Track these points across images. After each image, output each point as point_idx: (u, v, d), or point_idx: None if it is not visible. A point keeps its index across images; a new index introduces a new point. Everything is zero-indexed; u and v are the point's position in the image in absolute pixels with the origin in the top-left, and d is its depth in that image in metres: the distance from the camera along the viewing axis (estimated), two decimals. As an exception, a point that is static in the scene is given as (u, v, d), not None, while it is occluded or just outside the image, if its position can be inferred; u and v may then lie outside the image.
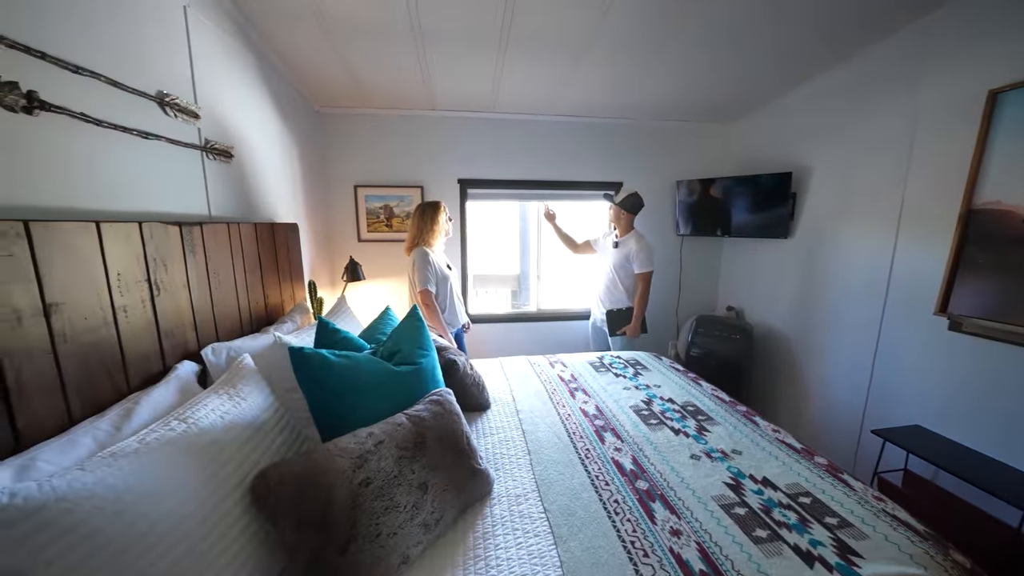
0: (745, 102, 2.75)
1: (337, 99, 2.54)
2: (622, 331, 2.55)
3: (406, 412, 1.05)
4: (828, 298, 2.37)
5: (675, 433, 1.42)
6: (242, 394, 1.00)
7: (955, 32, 1.71)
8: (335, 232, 2.82)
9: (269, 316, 1.72)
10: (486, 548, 0.92)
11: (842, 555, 0.89)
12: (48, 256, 0.80)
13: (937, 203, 1.78)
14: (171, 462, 0.72)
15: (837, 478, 1.16)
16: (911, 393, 1.92)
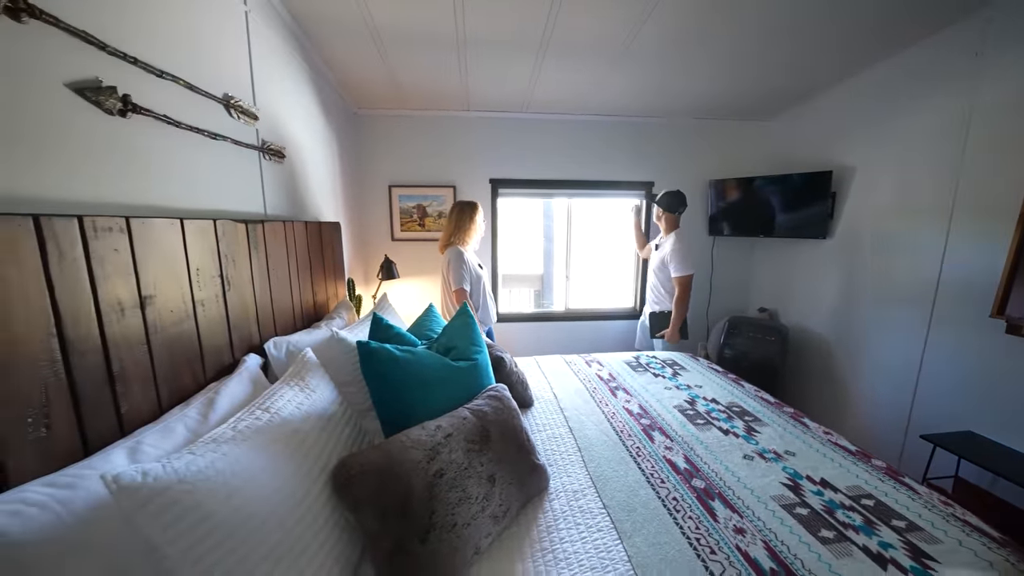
0: (781, 100, 2.70)
1: (375, 101, 2.59)
2: (661, 334, 2.52)
3: (468, 407, 1.07)
4: (871, 299, 2.32)
5: (724, 433, 1.41)
6: (311, 386, 1.04)
7: (1012, 23, 1.65)
8: (369, 231, 2.88)
9: (317, 312, 1.77)
10: (551, 541, 0.93)
11: (915, 558, 0.88)
12: (144, 251, 0.84)
13: (994, 200, 1.72)
14: (264, 450, 0.76)
15: (899, 481, 1.14)
16: (962, 398, 1.87)
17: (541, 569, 0.86)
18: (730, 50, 2.03)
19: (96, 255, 0.73)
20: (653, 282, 2.59)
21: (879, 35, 1.94)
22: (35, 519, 0.54)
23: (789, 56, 2.11)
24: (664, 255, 2.47)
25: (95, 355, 0.73)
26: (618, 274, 3.42)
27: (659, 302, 2.58)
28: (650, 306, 2.64)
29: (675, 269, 2.42)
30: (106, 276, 0.75)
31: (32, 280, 0.63)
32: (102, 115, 0.84)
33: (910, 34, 1.93)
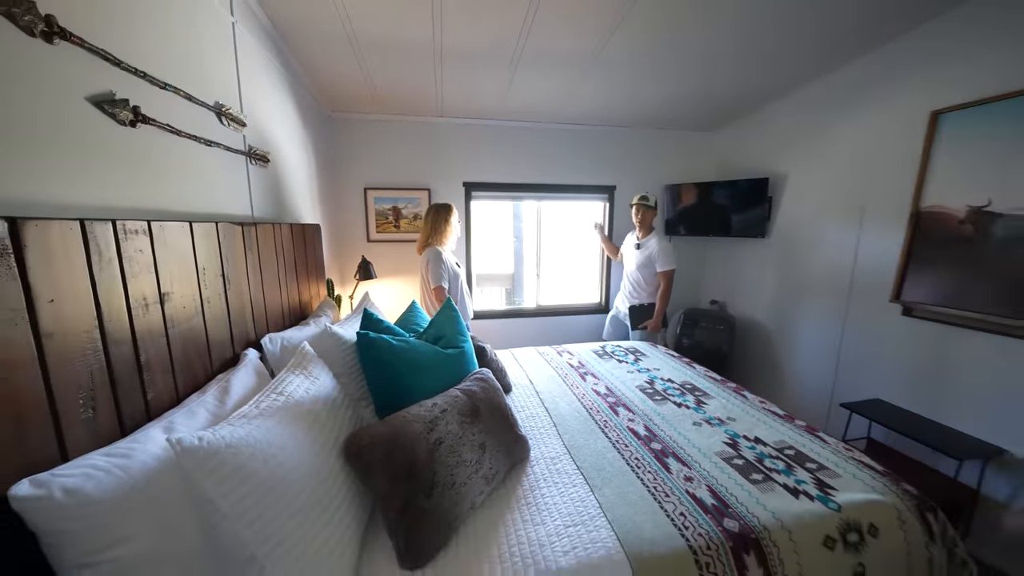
0: (727, 114, 3.01)
1: (350, 104, 2.65)
2: (643, 325, 2.74)
3: (458, 387, 1.21)
4: (801, 290, 2.65)
5: (677, 406, 1.63)
6: (314, 375, 1.14)
7: (906, 59, 1.99)
8: (346, 232, 2.92)
9: (302, 311, 1.84)
10: (535, 497, 1.09)
11: (820, 489, 1.11)
12: (161, 252, 0.92)
13: (892, 205, 2.06)
14: (287, 425, 0.86)
15: (815, 435, 1.39)
16: (872, 371, 2.21)
17: (527, 517, 1.02)
18: (682, 71, 2.29)
19: (126, 255, 0.81)
20: (635, 278, 2.78)
21: (808, 61, 2.25)
22: (104, 481, 0.63)
23: (732, 77, 2.39)
24: (650, 253, 2.68)
25: (127, 346, 0.81)
26: (585, 272, 3.64)
27: (638, 296, 2.79)
28: (628, 300, 2.84)
29: (661, 265, 2.64)
30: (134, 274, 0.83)
31: (80, 278, 0.71)
32: (116, 126, 0.91)
33: (832, 61, 2.25)
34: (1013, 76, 1.61)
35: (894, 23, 1.90)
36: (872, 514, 1.05)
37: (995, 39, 1.67)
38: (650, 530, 0.97)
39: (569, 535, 0.96)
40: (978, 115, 1.71)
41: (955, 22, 1.79)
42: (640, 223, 2.76)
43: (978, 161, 1.71)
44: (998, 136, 1.65)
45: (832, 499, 1.08)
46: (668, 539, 0.95)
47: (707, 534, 0.96)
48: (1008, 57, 1.63)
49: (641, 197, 2.72)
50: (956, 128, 1.78)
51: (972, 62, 1.74)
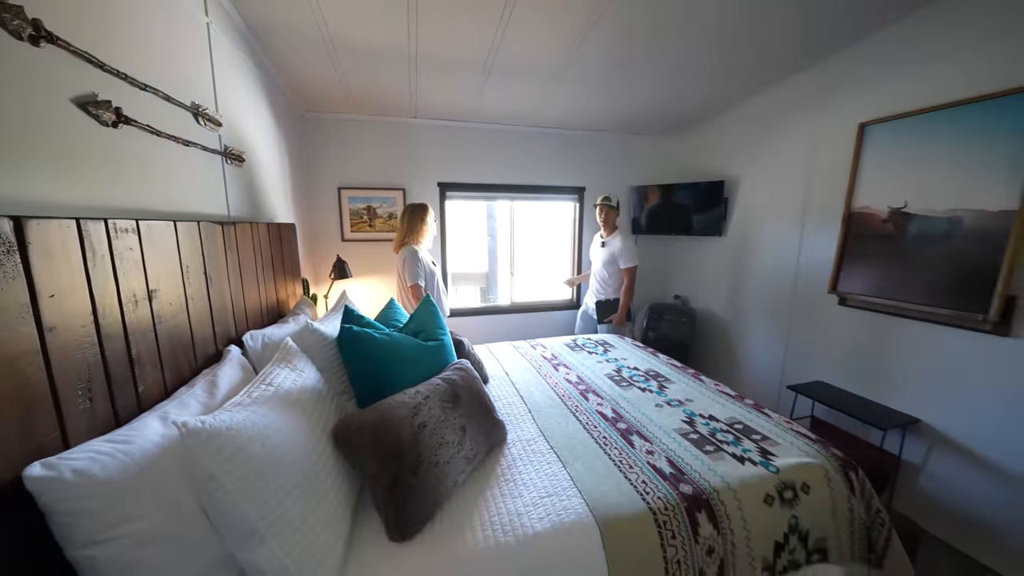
0: (688, 120, 3.21)
1: (323, 104, 2.65)
2: (609, 319, 2.88)
3: (439, 376, 1.28)
4: (754, 284, 2.88)
5: (642, 391, 1.77)
6: (299, 368, 1.18)
7: (838, 76, 2.22)
8: (320, 232, 2.92)
9: (280, 309, 1.85)
10: (512, 474, 1.19)
11: (763, 456, 1.27)
12: (149, 250, 0.95)
13: (829, 207, 2.29)
14: (279, 412, 0.92)
15: (761, 412, 1.56)
16: (815, 356, 2.44)
17: (506, 492, 1.11)
18: (642, 84, 2.44)
19: (118, 253, 0.84)
20: (602, 275, 2.93)
21: (756, 76, 2.46)
22: (108, 464, 0.67)
23: (689, 88, 2.57)
24: (614, 251, 2.83)
25: (119, 340, 0.84)
26: (557, 269, 3.77)
27: (604, 292, 2.94)
28: (595, 295, 2.98)
29: (624, 262, 2.79)
30: (125, 272, 0.86)
31: (77, 274, 0.74)
32: (99, 127, 0.93)
33: (776, 76, 2.47)
34: (921, 95, 1.85)
35: (826, 44, 2.12)
36: (804, 474, 1.21)
37: (908, 63, 1.91)
38: (615, 497, 1.09)
39: (544, 504, 1.06)
40: (896, 128, 1.95)
41: (877, 46, 2.02)
42: (604, 223, 2.91)
43: (897, 167, 1.95)
44: (912, 146, 1.89)
45: (772, 463, 1.23)
46: (631, 503, 1.07)
47: (665, 497, 1.09)
48: (918, 79, 1.87)
49: (604, 198, 2.87)
50: (879, 138, 2.02)
51: (891, 81, 1.98)
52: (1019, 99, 1.56)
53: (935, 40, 1.81)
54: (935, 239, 1.81)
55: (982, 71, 1.67)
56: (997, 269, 1.60)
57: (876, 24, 1.96)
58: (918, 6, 1.83)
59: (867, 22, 1.95)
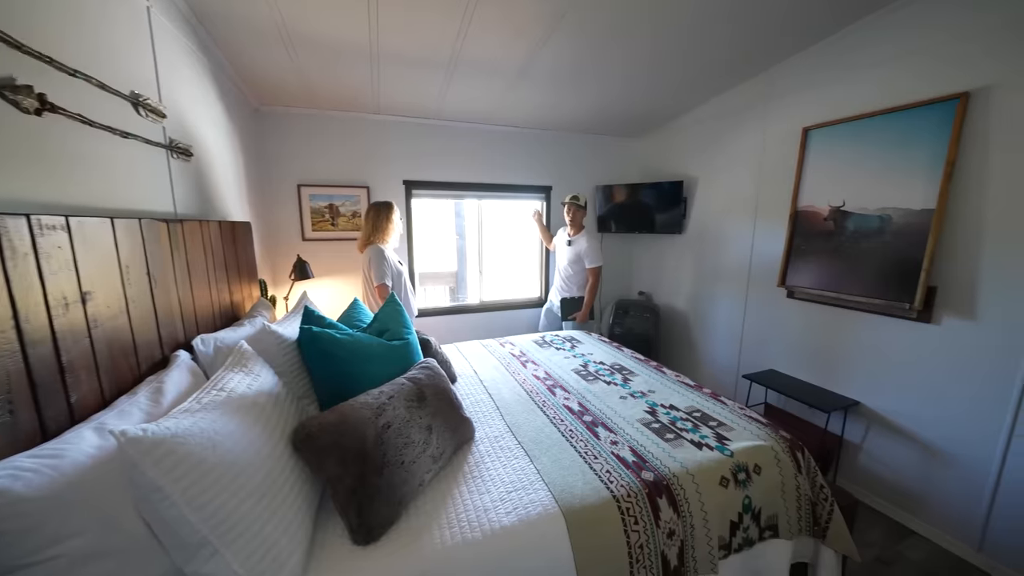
0: (648, 122, 3.32)
1: (280, 98, 2.54)
2: (573, 316, 2.93)
3: (404, 376, 1.26)
4: (711, 279, 3.02)
5: (607, 384, 1.81)
6: (255, 372, 1.13)
7: (785, 81, 2.37)
8: (279, 231, 2.79)
9: (234, 312, 1.76)
10: (480, 471, 1.19)
11: (719, 440, 1.34)
12: (82, 249, 0.88)
13: (777, 206, 2.44)
14: (232, 416, 0.87)
15: (717, 400, 1.64)
16: (768, 346, 2.60)
17: (473, 488, 1.11)
18: (606, 82, 2.50)
19: (43, 252, 0.78)
20: (567, 273, 2.97)
21: (707, 83, 2.58)
22: (33, 480, 0.62)
23: (653, 91, 2.66)
24: (579, 250, 2.88)
25: (46, 346, 0.78)
26: (525, 268, 3.80)
27: (569, 290, 2.99)
28: (560, 293, 3.03)
29: (590, 262, 2.84)
30: (52, 272, 0.80)
31: (-6, 274, 0.68)
32: (20, 114, 0.86)
33: (726, 83, 2.60)
34: (854, 103, 2.01)
35: (772, 53, 2.25)
36: (756, 456, 1.28)
37: (843, 74, 2.06)
38: (580, 487, 1.11)
39: (511, 499, 1.07)
40: (835, 132, 2.10)
41: (815, 57, 2.17)
42: (571, 221, 2.95)
43: (836, 168, 2.11)
44: (848, 149, 2.04)
45: (727, 447, 1.30)
46: (596, 492, 1.10)
47: (628, 485, 1.12)
48: (852, 88, 2.03)
49: (572, 197, 2.92)
50: (821, 142, 2.17)
51: (829, 89, 2.14)
52: (935, 109, 1.72)
53: (864, 54, 1.97)
54: (869, 235, 1.97)
55: (905, 83, 1.84)
56: (920, 262, 1.77)
57: (812, 39, 2.11)
58: (847, 23, 1.98)
59: (803, 38, 2.10)
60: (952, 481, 1.77)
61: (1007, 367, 1.59)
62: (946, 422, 1.78)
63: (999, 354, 1.61)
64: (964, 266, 1.69)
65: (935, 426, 1.82)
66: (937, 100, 1.72)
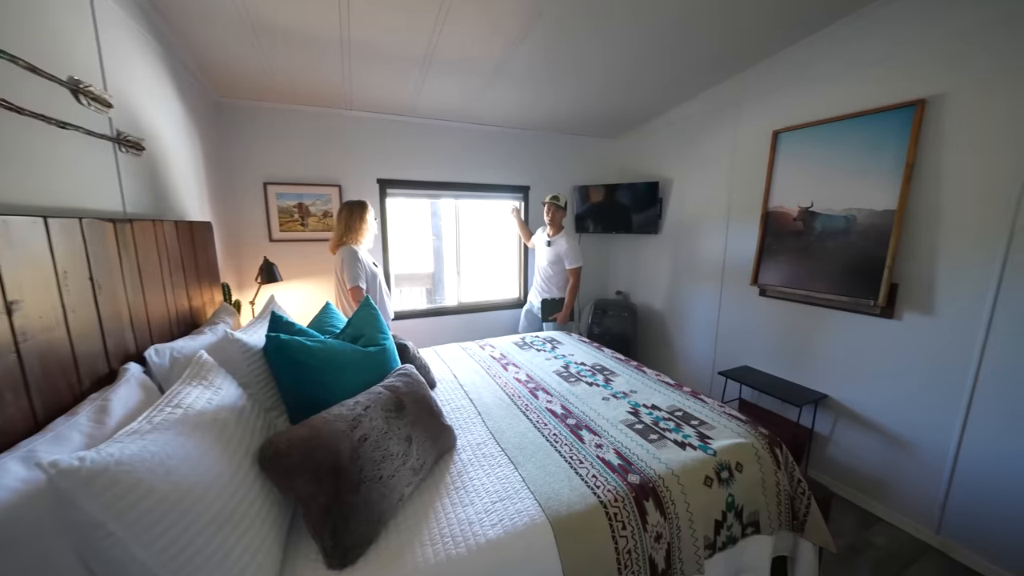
0: (624, 123, 3.35)
1: (244, 91, 2.40)
2: (553, 317, 2.90)
3: (381, 384, 1.20)
4: (687, 278, 3.08)
5: (589, 385, 1.80)
6: (216, 384, 1.04)
7: (755, 85, 2.44)
8: (243, 232, 2.64)
9: (194, 319, 1.63)
10: (463, 481, 1.14)
11: (701, 440, 1.34)
12: (7, 253, 0.78)
13: (749, 206, 2.50)
14: (189, 436, 0.79)
15: (697, 398, 1.66)
16: (742, 343, 2.66)
17: (456, 501, 1.07)
18: (581, 87, 2.50)
19: (-42, 256, 0.68)
20: (547, 274, 2.95)
21: (681, 86, 2.63)
22: (-57, 522, 0.53)
23: (629, 92, 2.68)
24: (559, 251, 2.86)
25: (-37, 364, 0.68)
26: (504, 268, 3.76)
27: (549, 291, 2.97)
28: (540, 294, 3.00)
29: (570, 262, 2.83)
30: (-30, 279, 0.70)
31: None
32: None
33: (699, 87, 2.65)
34: (821, 107, 2.09)
35: (743, 57, 2.31)
36: (738, 454, 1.29)
37: (810, 79, 2.13)
38: (567, 494, 1.09)
39: (496, 510, 1.03)
40: (803, 135, 2.17)
41: (783, 62, 2.24)
42: (551, 221, 2.94)
43: (805, 170, 2.18)
44: (816, 151, 2.11)
45: (709, 446, 1.31)
46: (582, 499, 1.07)
47: (615, 489, 1.10)
48: (820, 93, 2.10)
49: (552, 197, 2.90)
50: (790, 145, 2.24)
51: (797, 94, 2.21)
52: (896, 114, 1.80)
53: (829, 61, 2.05)
54: (835, 235, 2.05)
55: (867, 90, 1.91)
56: (883, 260, 1.85)
57: (779, 46, 2.18)
58: (813, 31, 2.05)
59: (771, 44, 2.17)
60: (913, 468, 1.86)
61: (961, 359, 1.68)
62: (907, 412, 1.87)
63: (954, 347, 1.70)
64: (922, 264, 1.78)
65: (898, 416, 1.90)
66: (897, 106, 1.80)
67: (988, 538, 1.65)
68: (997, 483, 1.61)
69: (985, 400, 1.63)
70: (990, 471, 1.63)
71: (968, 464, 1.69)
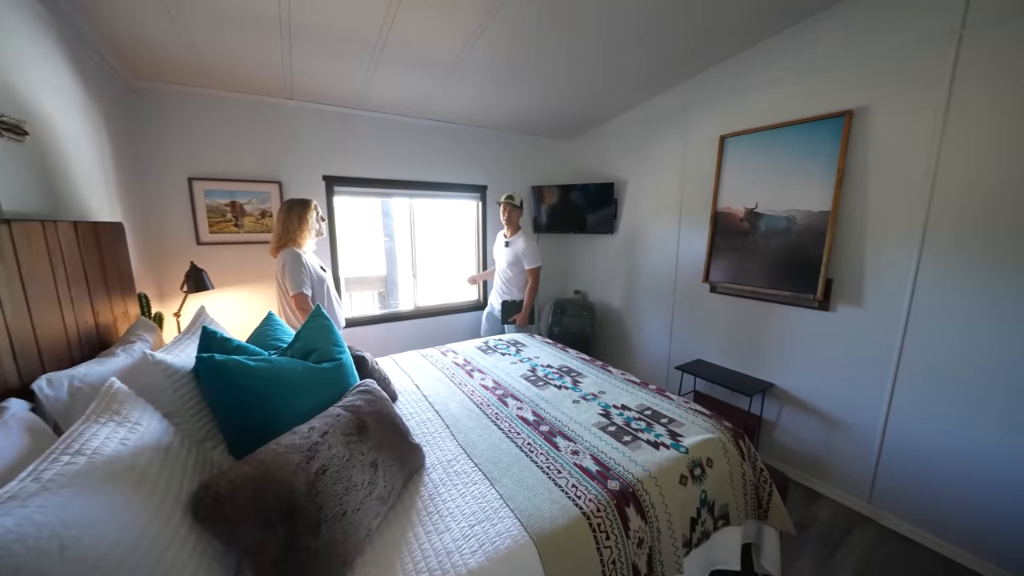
0: (580, 124, 3.38)
1: (164, 73, 2.09)
2: (513, 319, 2.85)
3: (339, 405, 1.07)
4: (642, 276, 3.17)
5: (558, 388, 1.77)
6: (132, 419, 0.87)
7: (703, 91, 2.55)
8: (164, 234, 2.30)
9: (101, 338, 1.38)
10: (435, 505, 1.05)
11: (672, 438, 1.36)
12: None
13: (700, 207, 2.62)
14: (95, 492, 0.64)
15: (663, 395, 1.69)
16: (695, 337, 2.78)
17: (431, 528, 0.97)
18: (539, 85, 2.47)
19: None
20: (507, 275, 2.89)
21: (634, 90, 2.69)
22: None
23: (586, 92, 2.69)
24: (518, 251, 2.80)
25: None
26: (462, 269, 3.66)
27: (509, 292, 2.91)
28: (500, 296, 2.94)
29: (528, 263, 2.78)
30: None
31: None
32: None
33: (651, 92, 2.73)
34: (764, 115, 2.22)
35: (691, 64, 2.40)
36: (707, 450, 1.32)
37: (757, 86, 2.27)
38: (548, 508, 1.04)
39: (475, 534, 0.95)
40: (748, 140, 2.30)
41: (728, 70, 2.36)
42: (507, 221, 2.89)
43: (750, 173, 2.31)
44: (760, 155, 2.25)
45: (681, 444, 1.32)
46: (565, 512, 1.03)
47: (596, 498, 1.07)
48: (763, 101, 2.24)
49: (507, 196, 2.85)
50: (736, 149, 2.36)
51: (741, 101, 2.33)
52: (829, 123, 1.96)
53: (771, 70, 2.18)
54: (778, 234, 2.19)
55: (804, 99, 2.06)
56: (820, 258, 2.00)
57: (726, 54, 2.29)
58: (755, 43, 2.18)
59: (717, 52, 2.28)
60: (848, 446, 2.04)
61: (886, 345, 1.86)
62: (843, 395, 2.04)
63: (880, 335, 1.88)
64: (853, 261, 1.95)
65: (834, 400, 2.07)
66: (828, 116, 1.96)
67: (910, 502, 1.84)
68: (917, 452, 1.80)
69: (906, 380, 1.82)
70: (911, 443, 1.82)
71: (893, 438, 1.88)
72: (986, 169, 1.57)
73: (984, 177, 1.57)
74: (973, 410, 1.64)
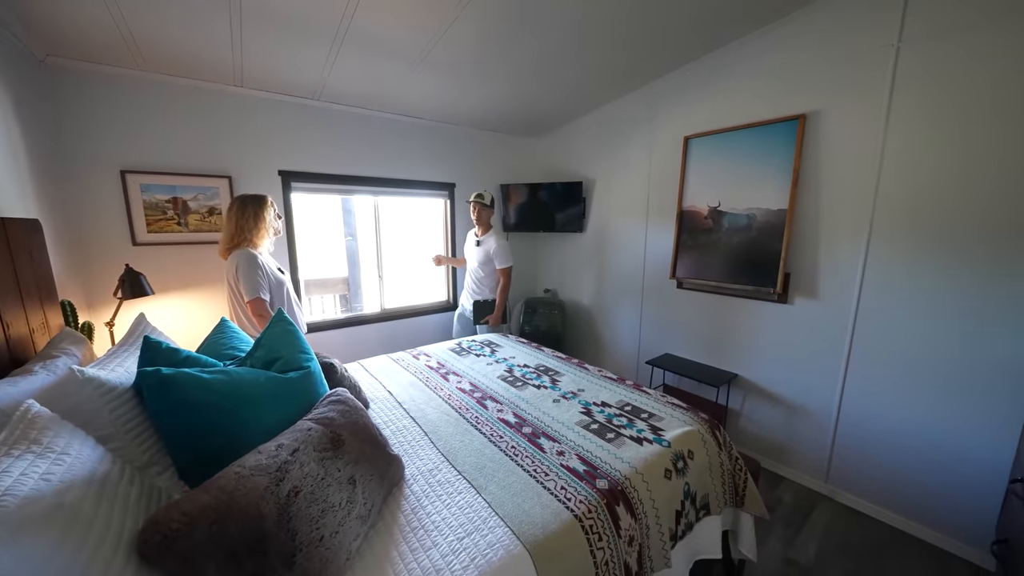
0: (549, 122, 3.38)
1: (80, 48, 1.84)
2: (485, 320, 2.79)
3: (309, 418, 0.98)
4: (611, 274, 3.22)
5: (537, 388, 1.74)
6: (56, 447, 0.74)
7: (668, 92, 2.62)
8: (94, 233, 2.04)
9: (13, 353, 1.18)
10: (419, 519, 0.99)
11: (654, 432, 1.37)
12: None
13: (666, 206, 2.69)
14: (11, 544, 0.52)
15: (641, 390, 1.70)
16: (663, 332, 2.86)
17: (416, 545, 0.91)
18: (507, 80, 2.44)
19: None
20: (479, 275, 2.83)
21: (601, 89, 2.72)
22: None
23: (556, 89, 2.68)
24: (489, 251, 2.74)
25: None
26: (430, 270, 3.55)
27: (481, 292, 2.85)
28: (472, 296, 2.88)
29: (500, 262, 2.73)
30: None
31: None
32: None
33: (617, 91, 2.78)
34: (725, 117, 2.31)
35: (657, 64, 2.46)
36: (688, 442, 1.34)
37: (719, 90, 2.35)
38: (539, 513, 1.00)
39: (465, 547, 0.90)
40: (711, 141, 2.39)
41: (693, 72, 2.44)
42: (478, 220, 2.83)
43: (713, 173, 2.39)
44: (722, 156, 2.33)
45: (663, 438, 1.33)
46: (556, 516, 0.99)
47: (587, 499, 1.05)
48: (723, 103, 2.33)
49: (477, 195, 2.79)
50: (700, 149, 2.45)
51: (705, 103, 2.42)
52: (784, 126, 2.06)
53: (731, 74, 2.28)
54: (739, 231, 2.29)
55: (761, 103, 2.17)
56: (779, 253, 2.11)
57: (691, 56, 2.37)
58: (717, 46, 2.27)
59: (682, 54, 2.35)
60: (807, 430, 2.16)
61: (838, 334, 1.99)
62: (801, 382, 2.16)
63: (833, 325, 2.01)
64: (808, 256, 2.07)
65: (793, 387, 2.20)
66: (783, 119, 2.06)
67: (861, 479, 1.98)
68: (866, 433, 1.94)
69: (856, 366, 1.96)
70: (861, 424, 1.96)
71: (846, 420, 2.01)
72: (913, 172, 1.72)
73: (913, 180, 1.73)
74: (914, 392, 1.79)
